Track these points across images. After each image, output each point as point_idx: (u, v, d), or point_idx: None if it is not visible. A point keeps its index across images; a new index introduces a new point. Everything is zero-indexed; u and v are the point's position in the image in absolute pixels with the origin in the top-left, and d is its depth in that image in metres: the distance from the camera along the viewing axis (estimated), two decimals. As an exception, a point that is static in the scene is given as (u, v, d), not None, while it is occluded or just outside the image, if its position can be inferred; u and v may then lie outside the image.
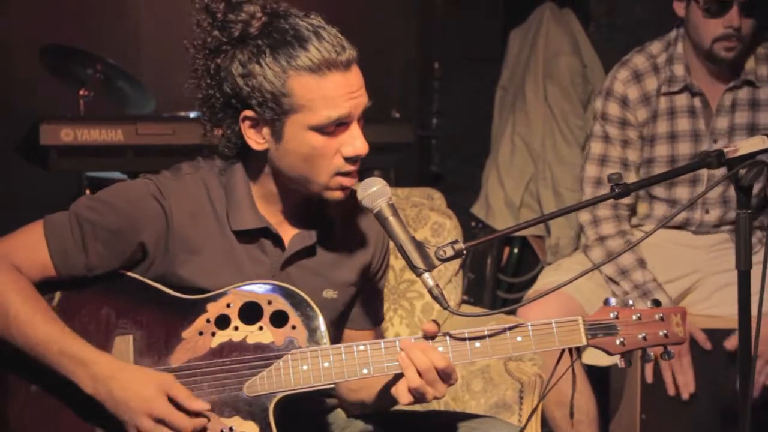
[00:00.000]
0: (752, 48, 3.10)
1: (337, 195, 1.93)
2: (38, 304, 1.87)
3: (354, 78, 1.87)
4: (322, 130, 1.86)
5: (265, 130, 1.89)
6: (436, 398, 1.83)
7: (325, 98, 1.84)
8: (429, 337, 1.85)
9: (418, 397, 1.82)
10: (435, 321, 1.87)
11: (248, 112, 1.89)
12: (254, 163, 1.97)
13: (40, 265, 1.91)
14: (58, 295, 1.94)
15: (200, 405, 1.84)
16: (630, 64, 3.14)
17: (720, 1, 2.95)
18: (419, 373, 1.80)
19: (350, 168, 1.90)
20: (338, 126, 1.87)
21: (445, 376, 1.82)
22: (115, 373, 1.83)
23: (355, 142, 1.88)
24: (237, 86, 1.87)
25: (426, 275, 1.82)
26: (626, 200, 3.15)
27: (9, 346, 1.87)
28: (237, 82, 1.87)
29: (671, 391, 3.03)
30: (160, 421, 1.81)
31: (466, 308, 3.15)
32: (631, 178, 3.12)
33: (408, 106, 5.04)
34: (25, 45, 4.24)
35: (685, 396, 3.02)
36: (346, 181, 1.91)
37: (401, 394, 1.83)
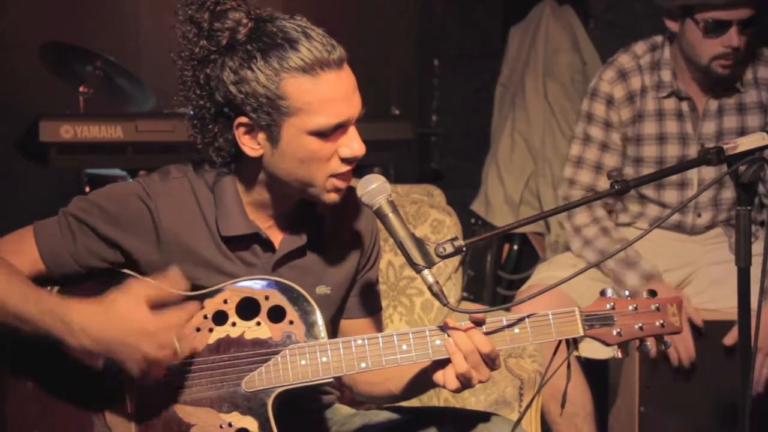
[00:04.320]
0: (744, 59, 3.13)
1: (333, 197, 1.92)
2: (14, 276, 1.85)
3: (347, 78, 1.86)
4: (321, 134, 1.85)
5: (261, 136, 1.88)
6: (480, 382, 1.84)
7: (322, 102, 1.83)
8: (477, 323, 1.86)
9: (465, 382, 1.84)
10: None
11: (242, 119, 1.87)
12: (247, 170, 1.95)
13: (32, 265, 1.91)
14: (54, 293, 1.93)
15: (177, 281, 1.82)
16: (616, 63, 3.20)
17: (720, 21, 2.96)
18: (464, 358, 1.81)
19: (346, 169, 1.90)
20: (336, 129, 1.86)
21: (490, 361, 1.83)
22: (92, 316, 1.78)
23: (352, 143, 1.87)
24: (230, 94, 1.85)
25: (425, 272, 1.82)
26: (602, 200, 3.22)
27: (4, 343, 1.86)
28: (230, 90, 1.84)
29: (675, 362, 3.03)
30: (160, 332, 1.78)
31: (466, 305, 3.15)
32: (603, 182, 3.21)
33: (408, 104, 5.05)
34: (25, 42, 4.24)
35: (686, 364, 3.02)
36: (341, 183, 1.91)
37: (449, 380, 1.84)
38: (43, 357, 1.88)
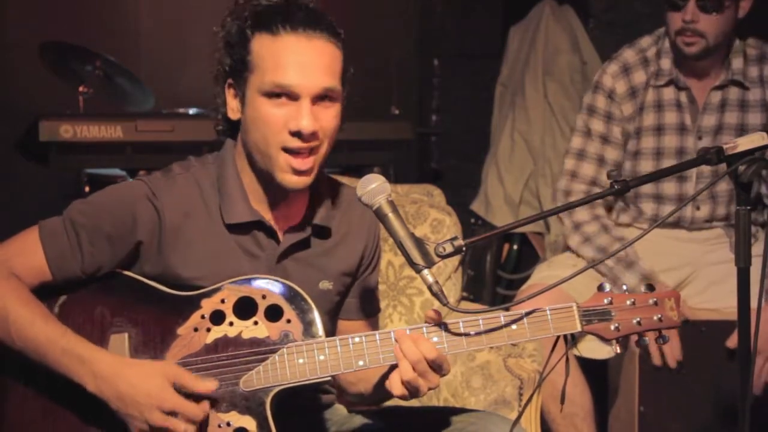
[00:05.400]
0: (741, 48, 3.11)
1: (290, 179, 1.90)
2: (37, 308, 1.87)
3: (314, 50, 1.87)
4: (270, 95, 1.86)
5: (239, 99, 1.93)
6: (429, 389, 1.83)
7: (275, 61, 1.85)
8: (432, 323, 1.85)
9: (412, 390, 1.82)
10: (436, 310, 1.87)
11: (230, 80, 1.93)
12: (237, 142, 1.99)
13: (37, 271, 1.91)
14: (53, 295, 1.94)
15: (208, 385, 1.84)
16: (620, 58, 3.20)
17: None
18: (411, 365, 1.80)
19: (297, 145, 1.87)
20: (290, 99, 1.86)
21: (437, 367, 1.82)
22: (119, 369, 1.83)
23: (300, 118, 1.85)
24: (223, 55, 1.93)
25: (425, 272, 1.81)
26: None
27: (8, 351, 1.87)
28: (223, 50, 1.92)
29: (657, 361, 3.02)
30: (171, 413, 1.81)
31: (466, 305, 3.15)
32: (605, 176, 3.16)
33: (407, 103, 5.04)
34: (25, 42, 4.24)
35: (672, 364, 3.01)
36: (296, 163, 1.88)
37: (394, 386, 1.83)
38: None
